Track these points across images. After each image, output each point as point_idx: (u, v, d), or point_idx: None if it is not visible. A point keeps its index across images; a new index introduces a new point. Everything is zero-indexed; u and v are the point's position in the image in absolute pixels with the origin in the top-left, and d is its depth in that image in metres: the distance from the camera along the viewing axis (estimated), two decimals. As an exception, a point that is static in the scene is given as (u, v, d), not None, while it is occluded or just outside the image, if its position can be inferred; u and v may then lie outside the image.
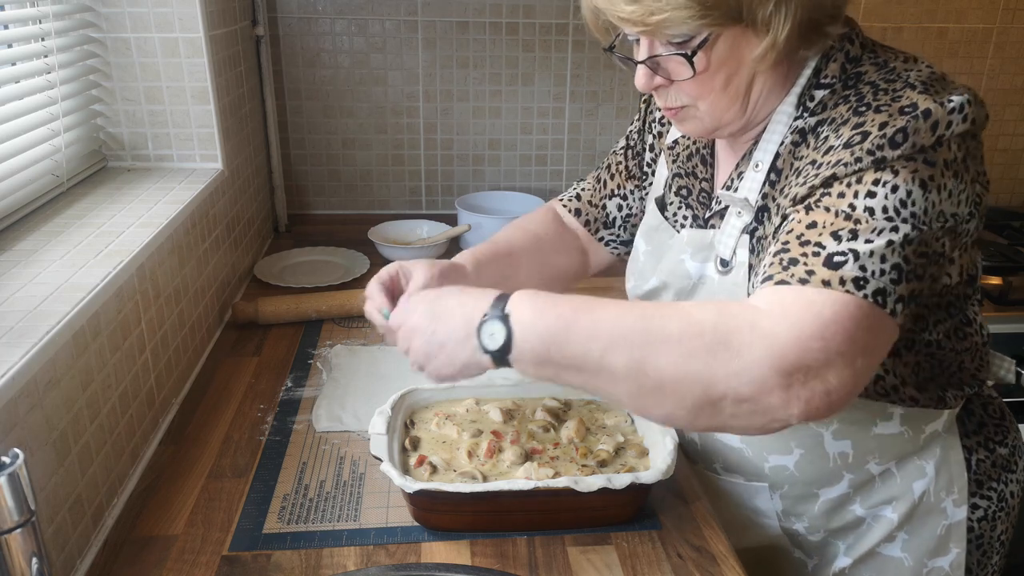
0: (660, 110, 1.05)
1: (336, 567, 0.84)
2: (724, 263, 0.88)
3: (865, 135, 0.74)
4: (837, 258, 0.71)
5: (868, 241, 0.71)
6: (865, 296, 0.69)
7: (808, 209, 0.75)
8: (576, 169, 2.07)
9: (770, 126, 0.84)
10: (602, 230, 1.15)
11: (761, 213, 0.85)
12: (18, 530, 0.58)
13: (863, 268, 0.70)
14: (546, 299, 0.75)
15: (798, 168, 0.81)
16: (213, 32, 1.38)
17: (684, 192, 0.98)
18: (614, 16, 0.78)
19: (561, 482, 0.86)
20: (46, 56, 1.17)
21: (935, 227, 0.73)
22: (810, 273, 0.71)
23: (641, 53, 0.82)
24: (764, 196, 0.85)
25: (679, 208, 0.99)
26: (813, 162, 0.78)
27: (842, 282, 0.70)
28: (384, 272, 0.92)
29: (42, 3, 1.16)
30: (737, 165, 0.89)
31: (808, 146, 0.81)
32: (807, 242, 0.73)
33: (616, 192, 1.13)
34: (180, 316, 1.19)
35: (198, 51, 1.34)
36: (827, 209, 0.74)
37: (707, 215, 0.93)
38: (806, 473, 0.91)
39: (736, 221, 0.87)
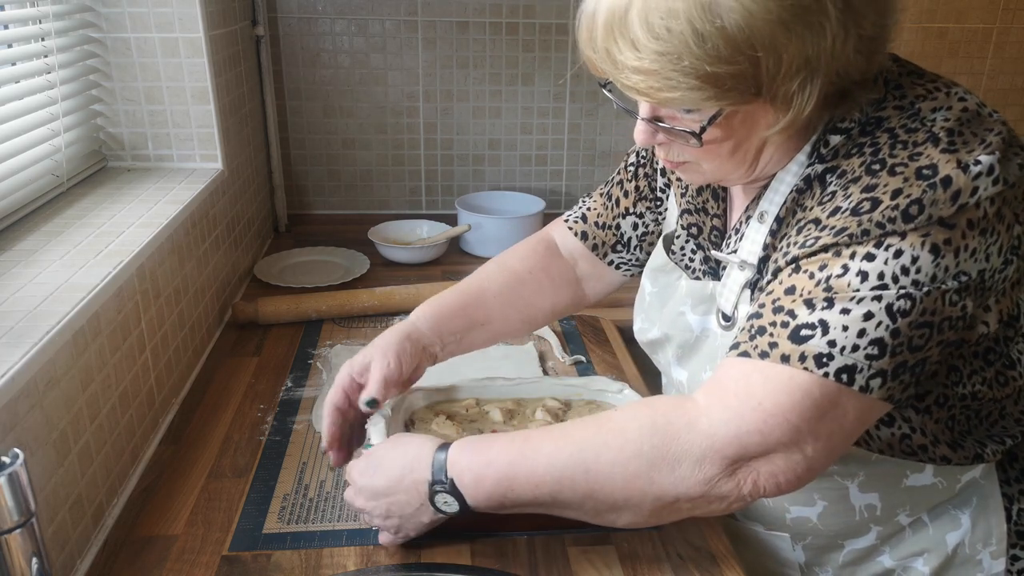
0: None
1: (336, 567, 0.84)
2: (726, 318, 0.84)
3: (875, 203, 0.67)
4: (804, 331, 0.67)
5: (844, 311, 0.66)
6: (826, 375, 0.66)
7: (796, 270, 0.71)
8: (576, 169, 2.07)
9: (779, 174, 0.78)
10: (611, 253, 1.06)
11: (764, 264, 0.80)
12: (18, 530, 0.58)
13: (832, 343, 0.66)
14: (481, 455, 0.77)
15: (800, 220, 0.75)
16: (213, 32, 1.38)
17: (695, 230, 0.91)
18: (618, 82, 0.70)
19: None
20: (46, 56, 1.17)
21: (946, 289, 0.66)
22: (772, 346, 0.68)
23: (643, 109, 0.74)
24: (766, 247, 0.79)
25: (686, 243, 0.93)
26: (816, 221, 0.72)
27: (802, 358, 0.66)
28: (338, 391, 0.90)
29: (42, 3, 1.16)
30: (746, 208, 0.83)
31: (813, 196, 0.75)
32: (780, 308, 0.70)
33: (631, 211, 1.04)
34: (180, 316, 1.19)
35: (198, 51, 1.34)
36: (813, 275, 0.69)
37: (718, 259, 0.87)
38: (830, 526, 0.86)
39: (738, 275, 0.82)
